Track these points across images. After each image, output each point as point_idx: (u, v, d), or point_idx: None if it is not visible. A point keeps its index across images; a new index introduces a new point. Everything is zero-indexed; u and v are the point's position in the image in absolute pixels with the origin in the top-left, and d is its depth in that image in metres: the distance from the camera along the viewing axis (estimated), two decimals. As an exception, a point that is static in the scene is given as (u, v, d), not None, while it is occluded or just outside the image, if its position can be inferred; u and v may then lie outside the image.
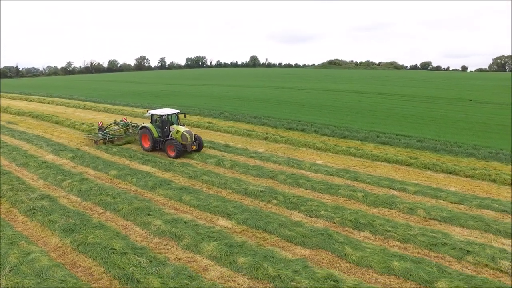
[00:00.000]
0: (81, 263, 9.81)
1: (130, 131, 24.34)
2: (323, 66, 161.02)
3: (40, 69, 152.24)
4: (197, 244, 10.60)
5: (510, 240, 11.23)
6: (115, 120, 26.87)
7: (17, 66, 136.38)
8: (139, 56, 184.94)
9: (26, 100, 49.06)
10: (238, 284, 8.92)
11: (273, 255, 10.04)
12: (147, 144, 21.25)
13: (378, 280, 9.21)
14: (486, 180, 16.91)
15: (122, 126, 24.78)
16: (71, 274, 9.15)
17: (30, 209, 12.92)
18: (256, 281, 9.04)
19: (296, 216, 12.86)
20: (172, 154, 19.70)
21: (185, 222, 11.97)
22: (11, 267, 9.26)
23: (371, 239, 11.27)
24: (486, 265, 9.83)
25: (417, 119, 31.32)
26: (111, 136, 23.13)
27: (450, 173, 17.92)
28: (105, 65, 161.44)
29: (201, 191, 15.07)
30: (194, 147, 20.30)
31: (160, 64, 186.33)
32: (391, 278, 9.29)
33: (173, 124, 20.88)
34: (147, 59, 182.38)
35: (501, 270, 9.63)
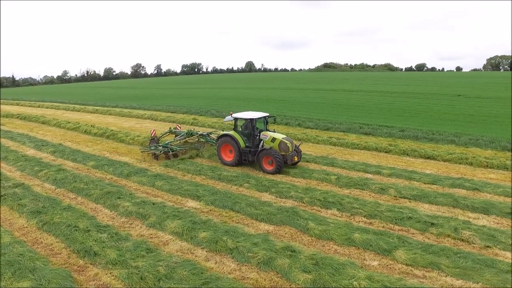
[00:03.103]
0: (43, 240, 9.83)
1: (189, 141, 20.02)
2: (318, 69, 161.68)
3: (37, 79, 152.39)
4: (161, 222, 10.64)
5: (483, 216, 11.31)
6: (170, 128, 22.56)
7: (13, 76, 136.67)
8: (135, 64, 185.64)
9: (17, 104, 49.22)
10: (196, 256, 8.94)
11: (235, 230, 10.07)
12: (229, 157, 16.88)
13: (337, 250, 9.23)
14: (463, 164, 17.03)
15: (185, 135, 20.23)
16: (30, 249, 9.17)
17: (0, 196, 12.95)
18: (214, 253, 9.07)
19: (266, 197, 12.89)
20: (270, 168, 15.54)
21: (153, 204, 12.01)
22: (-30, 244, 9.28)
23: (337, 216, 11.31)
24: (448, 235, 9.87)
25: (403, 112, 31.48)
26: (175, 149, 18.47)
27: (428, 158, 18.04)
28: (101, 73, 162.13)
29: (176, 177, 15.12)
30: (296, 159, 16.09)
31: (156, 71, 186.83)
32: (350, 249, 9.31)
33: (263, 131, 16.71)
34: (143, 67, 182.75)
35: (462, 239, 9.68)
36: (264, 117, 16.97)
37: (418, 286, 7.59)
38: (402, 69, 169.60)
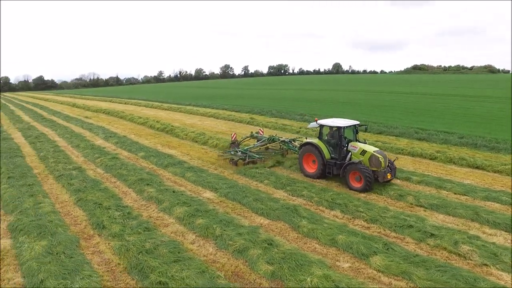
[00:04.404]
0: (73, 213, 11.83)
1: (269, 147, 18.76)
2: (406, 71, 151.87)
3: (138, 79, 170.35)
4: (171, 208, 11.88)
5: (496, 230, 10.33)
6: (252, 132, 21.37)
7: (117, 76, 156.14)
8: (223, 65, 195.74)
9: (110, 101, 56.29)
10: (184, 238, 9.95)
11: (230, 220, 10.82)
12: (312, 169, 15.25)
13: (316, 249, 9.39)
14: (516, 177, 15.23)
15: (266, 141, 18.91)
16: (60, 218, 11.18)
17: (60, 175, 15.65)
18: (201, 238, 9.99)
19: (279, 194, 13.35)
20: (358, 185, 13.55)
21: (173, 192, 13.35)
22: (21, 209, 11.68)
23: (338, 217, 11.32)
24: (445, 248, 9.30)
25: (476, 118, 28.65)
26: (255, 156, 17.39)
27: (477, 167, 16.47)
28: (192, 73, 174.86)
29: (207, 170, 16.36)
30: (389, 176, 13.85)
31: (243, 72, 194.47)
32: (330, 249, 9.39)
33: (351, 141, 14.91)
34: (231, 68, 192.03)
35: (459, 254, 9.04)
36: (354, 125, 14.92)
37: (377, 292, 7.52)
38: (509, 71, 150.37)
